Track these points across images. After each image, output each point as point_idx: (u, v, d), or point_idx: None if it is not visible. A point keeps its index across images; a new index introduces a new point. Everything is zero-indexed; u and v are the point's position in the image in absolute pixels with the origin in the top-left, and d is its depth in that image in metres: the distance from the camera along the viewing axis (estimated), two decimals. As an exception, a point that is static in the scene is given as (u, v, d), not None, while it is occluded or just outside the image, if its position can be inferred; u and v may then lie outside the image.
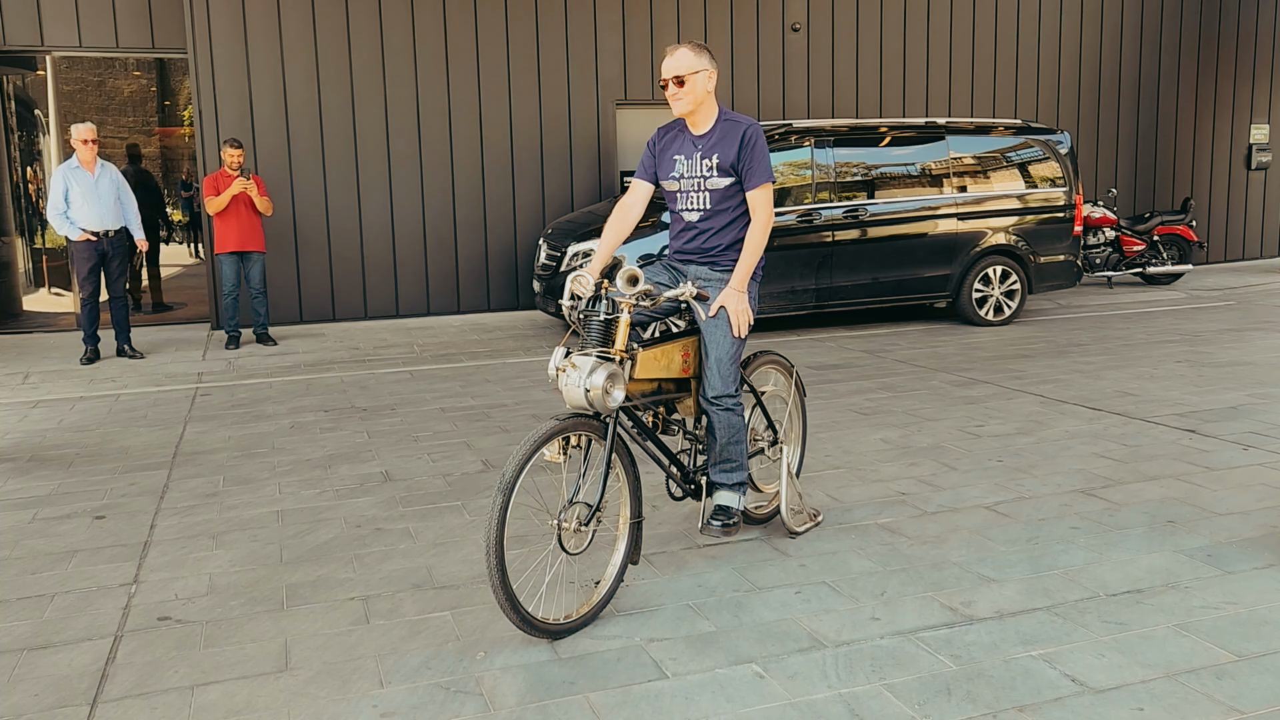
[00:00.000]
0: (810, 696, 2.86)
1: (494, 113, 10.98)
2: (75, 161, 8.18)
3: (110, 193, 8.26)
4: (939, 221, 9.36)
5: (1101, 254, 11.87)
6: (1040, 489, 4.67)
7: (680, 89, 3.68)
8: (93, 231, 8.19)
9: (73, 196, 8.14)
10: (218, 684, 3.01)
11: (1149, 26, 13.79)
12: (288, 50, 10.29)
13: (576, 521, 3.24)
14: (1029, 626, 3.27)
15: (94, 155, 8.19)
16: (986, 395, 6.61)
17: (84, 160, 8.16)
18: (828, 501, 4.57)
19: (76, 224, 8.18)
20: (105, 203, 8.23)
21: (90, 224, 8.19)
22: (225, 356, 8.78)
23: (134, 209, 8.49)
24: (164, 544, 4.22)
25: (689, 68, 3.68)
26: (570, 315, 3.46)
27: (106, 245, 8.28)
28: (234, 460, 5.50)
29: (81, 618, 3.50)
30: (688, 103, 3.71)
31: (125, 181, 8.44)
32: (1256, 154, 14.51)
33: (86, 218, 8.18)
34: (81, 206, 8.16)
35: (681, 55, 3.69)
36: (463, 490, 4.87)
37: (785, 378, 4.40)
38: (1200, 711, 2.74)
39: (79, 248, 8.22)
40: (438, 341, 9.40)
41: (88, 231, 8.18)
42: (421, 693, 2.93)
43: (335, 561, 3.98)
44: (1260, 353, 7.82)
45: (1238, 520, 4.19)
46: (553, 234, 9.47)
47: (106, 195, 8.24)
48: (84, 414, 6.70)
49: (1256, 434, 5.48)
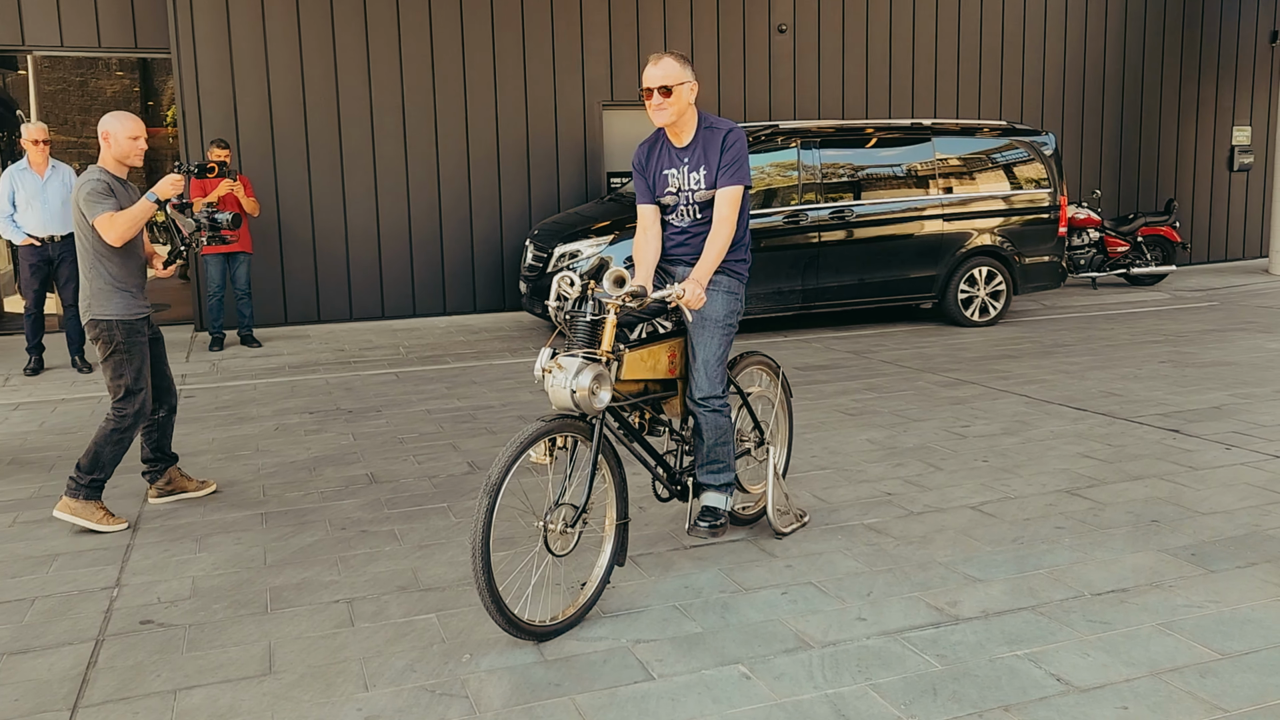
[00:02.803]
0: (797, 697, 2.86)
1: (480, 114, 10.96)
2: (25, 163, 7.83)
3: (59, 196, 7.86)
4: (925, 222, 9.39)
5: (1086, 255, 11.93)
6: (1025, 489, 4.68)
7: (666, 99, 3.66)
8: (36, 237, 7.81)
9: (19, 199, 7.78)
10: (200, 688, 2.99)
11: (1133, 29, 13.87)
12: (272, 50, 10.24)
13: (563, 523, 3.23)
14: (1014, 626, 3.27)
15: (45, 156, 7.86)
16: (972, 396, 6.63)
17: (34, 162, 7.82)
18: (814, 502, 4.57)
19: (21, 228, 7.81)
20: (52, 207, 7.84)
21: (34, 228, 7.80)
22: (209, 358, 8.73)
23: None
24: (146, 547, 4.19)
25: (676, 78, 3.65)
26: (556, 316, 3.45)
27: (53, 251, 7.86)
28: (218, 462, 5.46)
29: (62, 622, 3.47)
30: (671, 114, 3.69)
31: None
32: (1238, 156, 14.61)
33: (31, 222, 7.80)
34: (26, 210, 7.78)
35: (668, 65, 3.66)
36: (449, 492, 4.85)
37: (772, 379, 4.40)
38: (1184, 710, 2.75)
39: (23, 253, 7.83)
40: (424, 343, 9.37)
41: (32, 236, 7.80)
42: (406, 695, 2.92)
43: (320, 564, 3.96)
44: (1243, 353, 7.87)
45: (1221, 519, 4.21)
46: (539, 235, 9.45)
47: (54, 199, 7.84)
48: (66, 416, 6.65)
49: (1239, 434, 5.51)
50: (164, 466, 4.75)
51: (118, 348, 4.36)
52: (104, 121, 4.37)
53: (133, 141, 4.36)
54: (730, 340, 3.80)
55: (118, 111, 4.43)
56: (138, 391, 4.39)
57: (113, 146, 4.36)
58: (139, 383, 4.40)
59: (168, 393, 4.66)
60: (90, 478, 4.37)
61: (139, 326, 4.41)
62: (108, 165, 4.39)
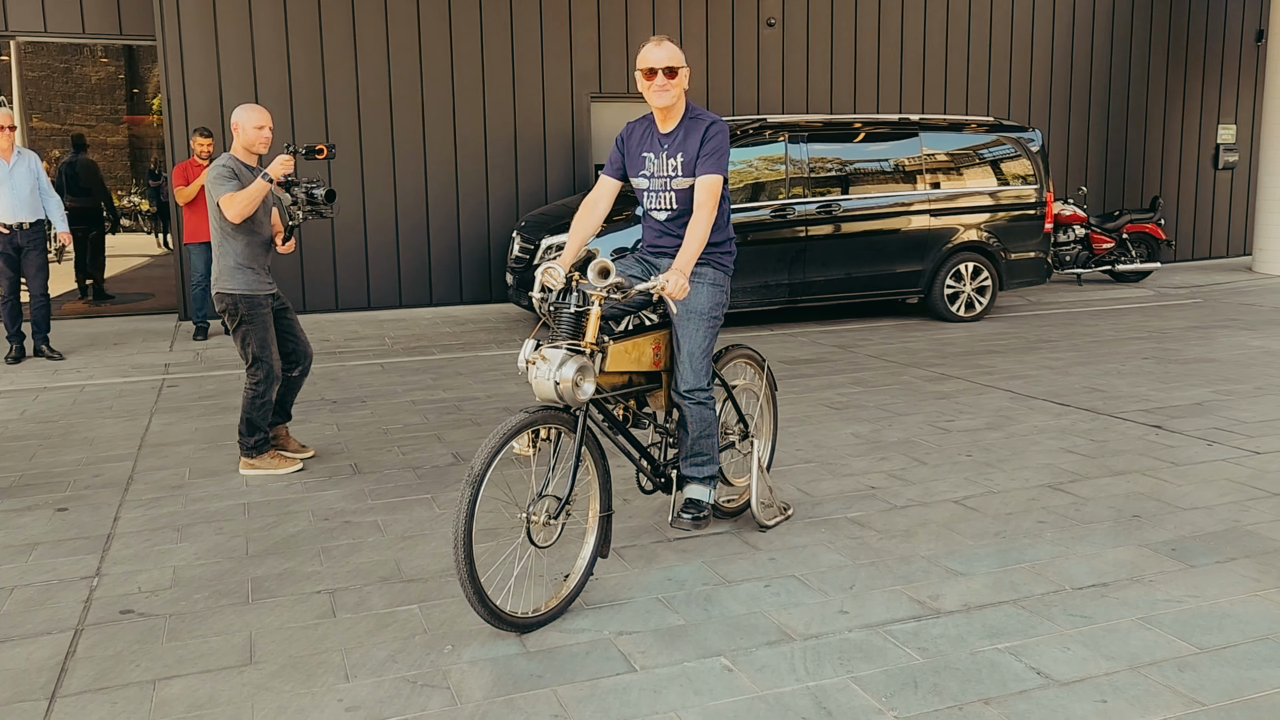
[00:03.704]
0: (778, 689, 2.87)
1: (468, 104, 10.92)
2: None
3: (26, 183, 7.79)
4: (912, 218, 9.41)
5: (1071, 251, 11.98)
6: (1008, 484, 4.70)
7: (670, 80, 3.66)
8: (5, 224, 7.73)
9: None
10: (180, 678, 2.97)
11: (1120, 27, 13.92)
12: (258, 38, 10.17)
13: (546, 515, 3.23)
14: (995, 620, 3.29)
15: (10, 143, 7.76)
16: (957, 390, 6.65)
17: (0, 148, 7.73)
18: (798, 495, 4.58)
19: None
20: (19, 193, 7.75)
21: (2, 215, 7.72)
22: (193, 348, 8.68)
23: (55, 200, 8.03)
24: (127, 536, 4.16)
25: (678, 60, 3.67)
26: (541, 307, 3.44)
27: (21, 239, 7.80)
28: (200, 452, 5.44)
29: (41, 611, 3.45)
30: (673, 96, 3.68)
31: (44, 171, 7.99)
32: (1223, 154, 14.69)
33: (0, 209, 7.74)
34: None
35: (670, 47, 3.67)
36: (432, 483, 4.84)
37: (757, 372, 4.41)
38: (1162, 703, 2.76)
39: None
40: (409, 334, 9.34)
41: (0, 224, 7.72)
42: (388, 686, 2.91)
43: (302, 555, 3.94)
44: (1225, 350, 7.92)
45: (1201, 515, 4.24)
46: (526, 227, 9.43)
47: (21, 185, 7.76)
48: (48, 405, 6.60)
49: (1220, 430, 5.55)
50: (278, 421, 5.18)
51: (242, 319, 4.83)
52: (235, 114, 4.85)
53: (258, 131, 4.83)
54: (715, 333, 3.79)
55: (247, 104, 4.93)
56: (263, 359, 4.88)
57: (241, 136, 4.84)
58: (264, 351, 4.87)
59: (301, 355, 5.12)
60: (253, 439, 4.94)
61: (261, 300, 4.84)
62: (237, 153, 4.87)
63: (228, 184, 4.70)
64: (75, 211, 10.97)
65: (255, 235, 4.84)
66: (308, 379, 7.29)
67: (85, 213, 11.17)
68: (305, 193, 4.79)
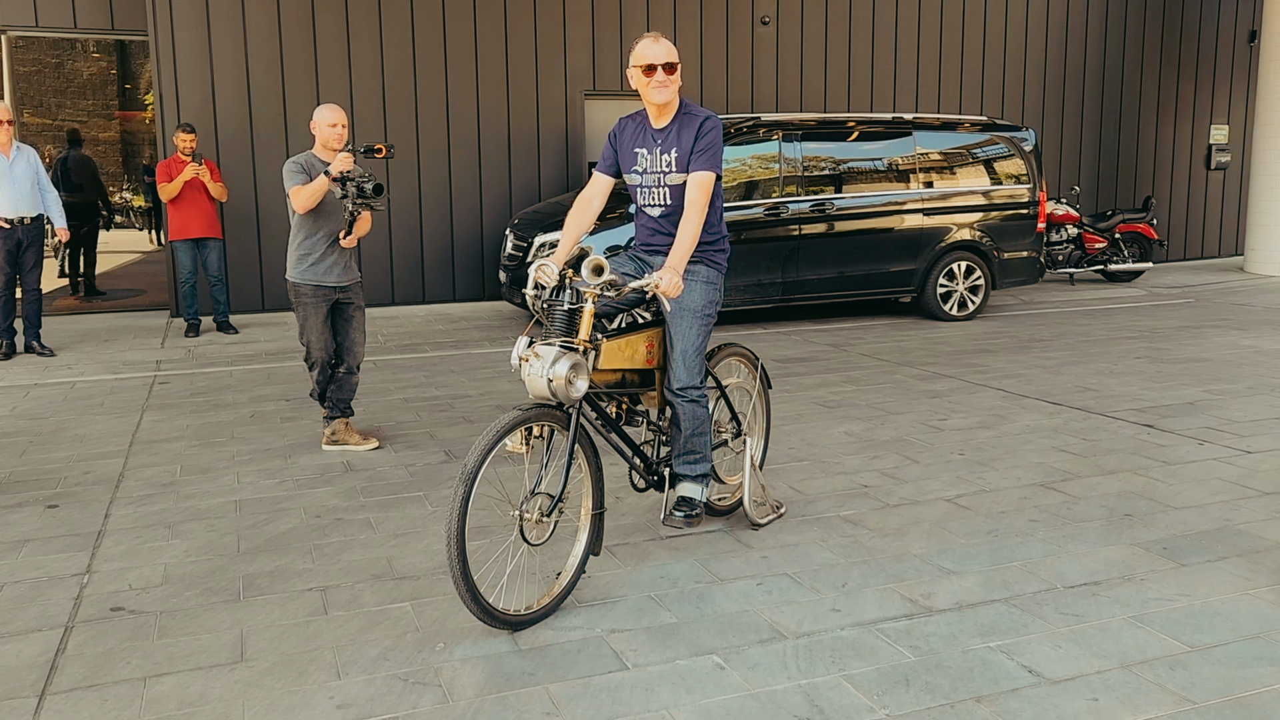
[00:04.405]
0: (770, 687, 2.87)
1: (461, 102, 10.90)
2: None
3: (26, 178, 7.79)
4: (905, 216, 9.42)
5: (1064, 251, 12.00)
6: (1000, 482, 4.71)
7: (670, 76, 3.65)
8: (6, 219, 7.72)
9: None
10: (171, 675, 2.96)
11: (1113, 27, 13.95)
12: (251, 34, 10.14)
13: (538, 512, 3.22)
14: (987, 618, 3.29)
15: (9, 137, 7.74)
16: (949, 389, 6.66)
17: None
18: (791, 494, 4.58)
19: None
20: (20, 188, 7.75)
21: (4, 210, 7.71)
22: (185, 344, 8.66)
23: (54, 195, 8.03)
24: (118, 533, 4.15)
25: (676, 56, 3.68)
26: (534, 305, 3.43)
27: (22, 234, 7.81)
28: (192, 449, 5.42)
29: (31, 608, 3.43)
30: (672, 91, 3.68)
31: (43, 166, 7.99)
32: (1216, 154, 14.74)
33: (0, 204, 7.71)
34: None
35: (668, 44, 3.67)
36: (425, 481, 4.83)
37: (750, 370, 4.41)
38: (1153, 702, 2.77)
39: None
40: (402, 331, 9.32)
41: (1, 219, 7.71)
42: (379, 684, 2.90)
43: (294, 552, 3.93)
44: (1217, 349, 7.94)
45: (1193, 514, 4.25)
46: (519, 224, 9.42)
47: (22, 180, 7.76)
48: (38, 401, 6.58)
49: (1212, 429, 5.57)
50: (332, 415, 5.40)
51: (298, 304, 5.21)
52: (314, 113, 5.18)
53: (330, 128, 5.12)
54: (709, 331, 3.79)
55: (325, 104, 5.07)
56: (303, 341, 5.27)
57: (318, 133, 5.15)
58: (303, 335, 5.25)
59: (348, 352, 5.36)
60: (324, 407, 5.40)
61: (310, 290, 5.16)
62: (316, 150, 5.18)
63: (295, 178, 5.02)
64: (71, 207, 10.93)
65: (319, 228, 5.14)
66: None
67: (80, 208, 11.13)
68: (356, 187, 4.96)
